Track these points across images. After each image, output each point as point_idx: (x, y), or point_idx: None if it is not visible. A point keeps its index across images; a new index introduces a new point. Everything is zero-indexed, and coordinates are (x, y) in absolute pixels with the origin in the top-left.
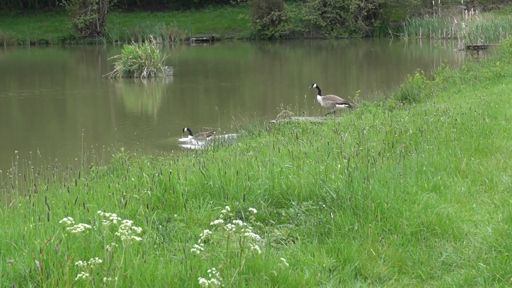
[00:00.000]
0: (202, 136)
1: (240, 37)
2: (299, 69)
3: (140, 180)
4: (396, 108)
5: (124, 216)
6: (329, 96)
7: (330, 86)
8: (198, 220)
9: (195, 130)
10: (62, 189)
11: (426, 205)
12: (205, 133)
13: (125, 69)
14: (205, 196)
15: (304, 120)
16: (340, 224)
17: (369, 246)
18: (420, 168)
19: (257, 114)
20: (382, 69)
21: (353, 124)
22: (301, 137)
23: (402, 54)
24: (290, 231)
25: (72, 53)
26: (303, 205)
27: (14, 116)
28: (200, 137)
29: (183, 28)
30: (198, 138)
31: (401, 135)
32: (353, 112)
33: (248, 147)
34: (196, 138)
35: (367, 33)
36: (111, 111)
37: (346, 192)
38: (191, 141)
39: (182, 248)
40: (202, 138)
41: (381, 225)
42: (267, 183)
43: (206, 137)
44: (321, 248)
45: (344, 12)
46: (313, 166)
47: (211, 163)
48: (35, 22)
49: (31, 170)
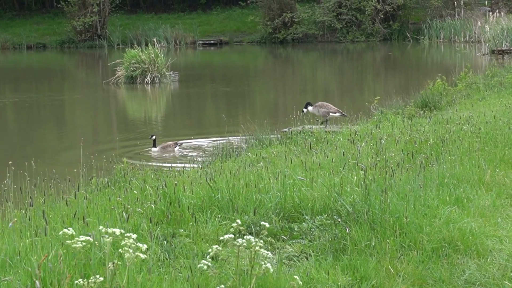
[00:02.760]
0: (170, 147)
1: (250, 40)
2: (313, 75)
3: (143, 193)
4: (416, 116)
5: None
6: (321, 103)
7: (345, 93)
8: (205, 236)
9: (160, 141)
10: (60, 202)
11: (448, 220)
12: (172, 143)
13: (128, 75)
14: (213, 210)
15: (318, 129)
16: (356, 240)
17: (387, 263)
18: (442, 180)
19: (268, 123)
20: (401, 74)
21: (370, 133)
22: (315, 147)
23: (422, 59)
24: (303, 247)
25: (71, 58)
26: (317, 219)
27: (9, 124)
28: (169, 148)
29: (189, 31)
30: (167, 150)
31: (421, 145)
32: (370, 121)
33: (259, 158)
34: (164, 150)
35: (385, 37)
36: (113, 119)
37: (363, 205)
38: (155, 153)
39: (188, 265)
40: (170, 150)
41: (400, 241)
42: (278, 196)
43: (174, 148)
44: (336, 265)
45: (361, 14)
46: (328, 178)
47: (219, 174)
48: (32, 24)
49: (27, 182)
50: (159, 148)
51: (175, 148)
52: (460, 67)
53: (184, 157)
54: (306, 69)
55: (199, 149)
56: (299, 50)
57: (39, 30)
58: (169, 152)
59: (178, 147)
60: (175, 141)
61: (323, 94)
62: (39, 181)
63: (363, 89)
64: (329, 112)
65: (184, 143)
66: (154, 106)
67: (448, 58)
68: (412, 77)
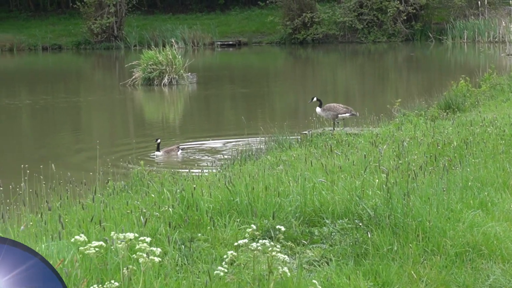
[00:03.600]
0: (174, 151)
1: (269, 41)
2: (333, 76)
3: (161, 197)
4: (439, 118)
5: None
6: (329, 106)
7: (367, 95)
8: (223, 240)
9: (163, 144)
10: (76, 206)
11: (472, 224)
12: (175, 147)
13: (145, 76)
14: (231, 214)
15: (339, 131)
16: (378, 244)
17: (409, 268)
18: (465, 184)
19: (288, 125)
20: (423, 75)
21: (392, 136)
22: (336, 150)
23: (445, 59)
24: (323, 252)
25: (87, 59)
26: (338, 223)
27: (24, 126)
28: (172, 152)
29: (207, 32)
30: (171, 154)
31: (444, 148)
32: (392, 123)
33: (278, 161)
34: (168, 154)
35: (407, 37)
36: (130, 121)
37: (385, 209)
38: (159, 157)
39: (207, 270)
40: (174, 154)
41: (422, 246)
42: (298, 200)
43: (177, 152)
44: (357, 271)
45: (382, 14)
46: (349, 181)
47: (237, 178)
48: (48, 25)
49: (42, 185)
50: (163, 152)
51: (178, 152)
52: (484, 67)
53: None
54: (326, 70)
55: (214, 152)
56: (319, 51)
57: (54, 31)
58: (173, 156)
59: (181, 151)
60: (177, 144)
61: (344, 96)
62: (55, 184)
63: (385, 90)
64: (338, 114)
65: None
66: (171, 108)
67: (472, 59)
68: (434, 78)
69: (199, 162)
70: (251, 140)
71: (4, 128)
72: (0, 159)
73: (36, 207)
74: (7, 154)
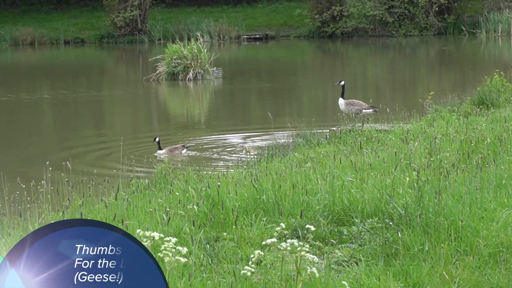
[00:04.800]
0: (178, 149)
1: (297, 34)
2: (363, 70)
3: (185, 195)
4: (472, 114)
5: (167, 234)
6: (353, 101)
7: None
8: (249, 239)
9: (163, 143)
10: (99, 204)
11: (506, 223)
12: (180, 145)
13: (169, 71)
14: (258, 213)
15: (368, 128)
16: (408, 244)
17: (441, 269)
18: (499, 182)
19: (316, 121)
20: (456, 70)
21: (424, 132)
22: (365, 147)
23: (478, 54)
24: (352, 252)
25: (110, 53)
26: (367, 222)
27: (45, 121)
28: (176, 151)
29: (233, 25)
30: (174, 153)
31: (477, 145)
32: (423, 119)
33: (306, 158)
34: (171, 153)
35: (440, 30)
36: (154, 117)
37: (416, 208)
38: (162, 155)
39: (232, 270)
40: (178, 153)
41: (455, 246)
42: (327, 198)
43: (181, 150)
44: (387, 271)
45: (414, 7)
46: (379, 179)
47: (264, 175)
48: (70, 18)
49: (64, 183)
50: (166, 151)
51: (183, 151)
52: None
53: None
54: (356, 65)
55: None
56: (348, 44)
57: (77, 24)
58: (177, 155)
59: (186, 149)
60: (182, 143)
61: (374, 91)
62: (77, 181)
63: (416, 85)
64: (362, 109)
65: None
66: (196, 103)
67: (506, 53)
68: (468, 73)
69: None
70: (278, 136)
71: (25, 124)
72: (21, 155)
73: (58, 205)
74: (28, 150)
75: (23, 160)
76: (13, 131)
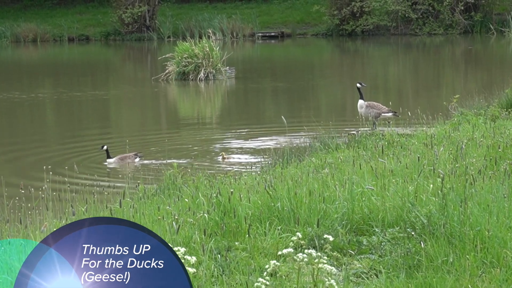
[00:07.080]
0: (130, 158)
1: (315, 32)
2: (385, 71)
3: (195, 202)
4: (500, 118)
5: (176, 243)
6: (373, 103)
7: (421, 92)
8: (263, 249)
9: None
10: (103, 211)
11: None
12: (132, 154)
13: (179, 70)
14: (272, 221)
15: (390, 132)
16: (432, 255)
17: (466, 281)
18: None
19: (334, 124)
20: (483, 71)
21: (449, 137)
22: (387, 152)
23: (507, 54)
24: (372, 263)
25: (117, 51)
26: (388, 232)
27: (47, 123)
28: (128, 159)
29: (247, 22)
30: (125, 162)
31: (505, 150)
32: (448, 122)
33: (323, 163)
34: (121, 161)
35: (466, 29)
36: (162, 119)
37: (440, 217)
38: (111, 164)
39: (245, 282)
40: (130, 161)
41: (481, 257)
42: (345, 206)
43: (134, 159)
44: (409, 284)
45: (438, 4)
46: (401, 186)
47: (279, 181)
48: (74, 14)
49: (67, 188)
50: (116, 159)
51: (135, 160)
52: None
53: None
54: (377, 65)
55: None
56: (369, 43)
57: (82, 20)
58: (127, 163)
59: (138, 158)
60: (135, 152)
61: (396, 93)
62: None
63: (441, 87)
64: (381, 112)
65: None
66: (208, 105)
67: None
68: (495, 74)
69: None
70: (294, 140)
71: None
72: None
73: (60, 212)
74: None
75: (24, 163)
76: (14, 131)
